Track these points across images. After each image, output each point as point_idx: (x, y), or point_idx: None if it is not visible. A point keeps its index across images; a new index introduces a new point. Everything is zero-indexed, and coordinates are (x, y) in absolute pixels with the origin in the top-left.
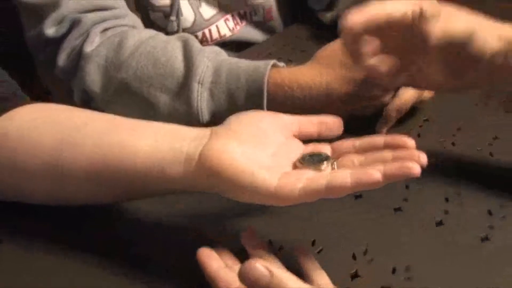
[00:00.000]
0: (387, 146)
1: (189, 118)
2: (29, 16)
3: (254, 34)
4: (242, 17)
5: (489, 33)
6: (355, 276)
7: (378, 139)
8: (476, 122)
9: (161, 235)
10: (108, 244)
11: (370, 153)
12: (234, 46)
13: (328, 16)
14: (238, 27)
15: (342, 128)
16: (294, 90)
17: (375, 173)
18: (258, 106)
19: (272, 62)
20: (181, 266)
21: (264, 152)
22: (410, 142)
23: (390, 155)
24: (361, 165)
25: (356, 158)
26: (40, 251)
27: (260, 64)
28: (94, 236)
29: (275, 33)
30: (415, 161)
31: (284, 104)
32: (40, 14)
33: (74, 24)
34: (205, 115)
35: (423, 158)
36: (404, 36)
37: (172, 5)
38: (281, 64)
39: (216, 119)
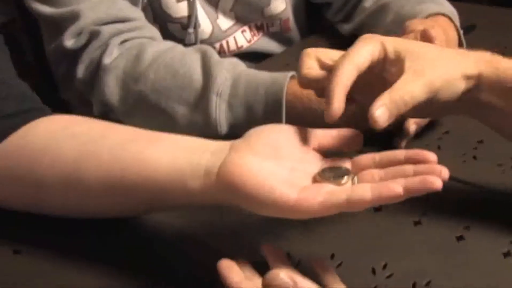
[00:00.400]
0: (408, 161)
1: (207, 130)
2: (49, 29)
3: (271, 45)
4: (259, 28)
5: (454, 76)
6: None
7: (399, 154)
8: (497, 134)
9: (181, 247)
10: (126, 255)
11: (391, 168)
12: (251, 57)
13: (346, 27)
14: (255, 38)
15: (362, 142)
16: (313, 102)
17: (396, 187)
18: (276, 117)
19: (291, 73)
20: (201, 277)
21: (283, 166)
22: (432, 156)
23: (411, 169)
24: (382, 179)
25: (377, 173)
26: (57, 261)
27: (279, 75)
28: (113, 248)
29: (292, 44)
30: (436, 175)
31: (303, 116)
32: (59, 26)
33: (93, 36)
34: (223, 127)
35: (445, 172)
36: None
37: (189, 17)
38: None
39: (235, 130)
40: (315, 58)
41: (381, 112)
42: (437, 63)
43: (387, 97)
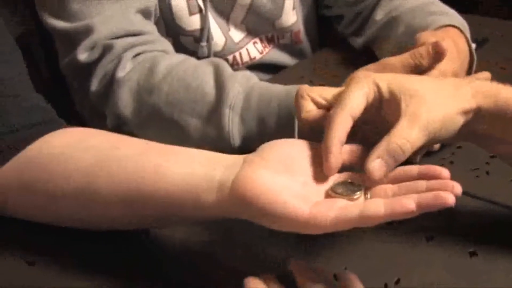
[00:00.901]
0: (421, 176)
1: (220, 143)
2: (63, 43)
3: (282, 57)
4: (270, 40)
5: (452, 113)
6: None
7: (412, 169)
8: None
9: (199, 263)
10: (139, 270)
11: (404, 183)
12: (263, 68)
13: (358, 41)
14: (266, 49)
15: None
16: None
17: (409, 203)
18: (289, 130)
19: (304, 86)
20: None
21: (295, 180)
22: (445, 172)
23: (424, 185)
24: (395, 194)
25: (390, 188)
26: (71, 273)
27: (292, 88)
28: (126, 261)
29: (304, 56)
30: (449, 191)
31: (316, 129)
32: (73, 40)
33: (106, 49)
34: (236, 140)
35: (457, 188)
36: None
37: (202, 30)
38: None
39: (247, 143)
40: (310, 99)
41: (377, 164)
42: (434, 102)
43: (383, 148)
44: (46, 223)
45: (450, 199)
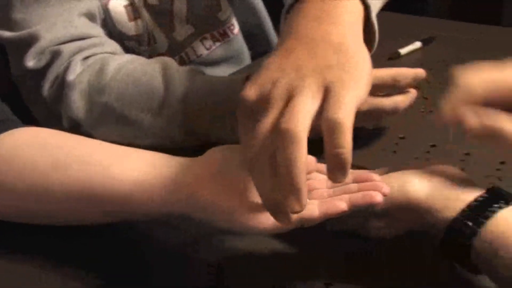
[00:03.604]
0: (355, 181)
1: (173, 136)
2: (11, 52)
3: (232, 52)
4: (222, 34)
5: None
6: None
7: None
8: None
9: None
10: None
11: (338, 187)
12: (213, 63)
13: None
14: (217, 44)
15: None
16: None
17: (341, 204)
18: (232, 118)
19: (245, 75)
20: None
21: (241, 183)
22: (376, 176)
23: (356, 187)
24: (330, 196)
25: (325, 191)
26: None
27: (235, 77)
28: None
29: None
30: (378, 191)
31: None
32: (20, 49)
33: (55, 55)
34: (186, 130)
35: (386, 188)
36: None
37: (142, 35)
38: None
39: (197, 134)
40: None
41: None
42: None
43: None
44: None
45: (377, 197)
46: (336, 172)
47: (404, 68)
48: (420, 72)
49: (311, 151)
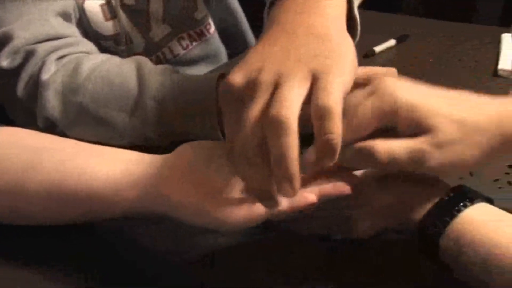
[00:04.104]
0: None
1: (149, 136)
2: None
3: (209, 51)
4: (199, 34)
5: None
6: None
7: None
8: None
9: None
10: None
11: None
12: (190, 63)
13: None
14: (194, 43)
15: None
16: None
17: (310, 196)
18: (210, 115)
19: (219, 73)
20: None
21: (211, 178)
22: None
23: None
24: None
25: None
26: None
27: (209, 76)
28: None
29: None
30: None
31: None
32: None
33: (29, 54)
34: (162, 129)
35: (357, 180)
36: None
37: (118, 34)
38: None
39: (173, 134)
40: None
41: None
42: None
43: None
44: None
45: (346, 188)
46: (325, 157)
47: (376, 67)
48: (391, 70)
49: None
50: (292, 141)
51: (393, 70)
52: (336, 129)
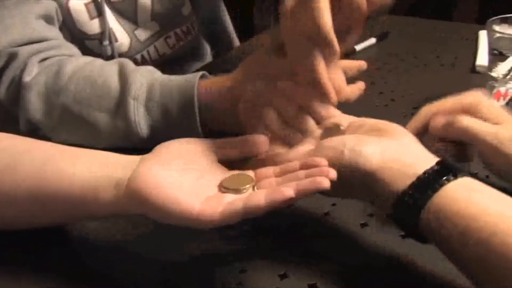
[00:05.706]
0: (303, 167)
1: (129, 135)
2: None
3: (194, 50)
4: (187, 33)
5: None
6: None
7: (294, 164)
8: None
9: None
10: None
11: (287, 175)
12: (175, 62)
13: None
14: (181, 43)
15: (268, 143)
16: (222, 96)
17: (287, 190)
18: (191, 116)
19: (201, 73)
20: None
21: (189, 177)
22: (323, 161)
23: (303, 174)
24: (278, 184)
25: (274, 180)
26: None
27: (190, 76)
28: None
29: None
30: (324, 175)
31: (218, 111)
32: None
33: (11, 57)
34: (144, 130)
35: (333, 173)
36: None
37: (103, 32)
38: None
39: (155, 133)
40: None
41: None
42: None
43: None
44: None
45: (325, 183)
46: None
47: (348, 60)
48: (362, 63)
49: None
50: None
51: (363, 62)
52: None
